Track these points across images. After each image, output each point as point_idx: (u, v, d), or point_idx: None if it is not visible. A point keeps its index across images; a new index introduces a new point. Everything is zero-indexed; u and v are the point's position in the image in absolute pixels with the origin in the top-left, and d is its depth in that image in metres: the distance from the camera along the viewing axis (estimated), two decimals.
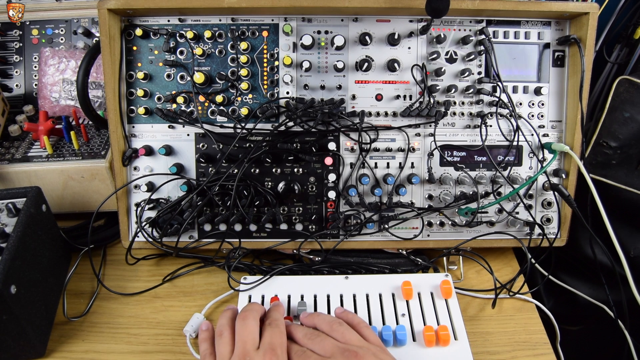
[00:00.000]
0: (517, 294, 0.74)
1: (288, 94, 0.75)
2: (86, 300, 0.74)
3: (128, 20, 0.74)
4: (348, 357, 0.53)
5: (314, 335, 0.57)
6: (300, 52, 0.75)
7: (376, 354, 0.53)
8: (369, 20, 0.75)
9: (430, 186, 0.78)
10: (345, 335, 0.57)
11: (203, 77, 0.72)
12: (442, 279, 0.70)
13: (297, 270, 0.75)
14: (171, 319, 0.71)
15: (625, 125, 0.78)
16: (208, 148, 0.76)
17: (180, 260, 0.80)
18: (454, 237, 0.79)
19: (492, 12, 0.73)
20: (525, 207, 0.77)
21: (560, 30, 0.77)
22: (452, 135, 0.77)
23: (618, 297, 0.76)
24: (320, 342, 0.56)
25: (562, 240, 0.79)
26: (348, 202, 0.75)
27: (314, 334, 0.58)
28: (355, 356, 0.52)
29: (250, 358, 0.53)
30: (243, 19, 0.75)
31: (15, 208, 0.65)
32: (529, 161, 0.78)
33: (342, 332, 0.57)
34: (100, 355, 0.65)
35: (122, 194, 0.76)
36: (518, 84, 0.77)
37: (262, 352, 0.53)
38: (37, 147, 0.84)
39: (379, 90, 0.76)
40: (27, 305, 0.61)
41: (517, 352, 0.66)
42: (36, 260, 0.65)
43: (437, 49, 0.75)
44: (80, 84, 0.72)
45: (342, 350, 0.54)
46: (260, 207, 0.77)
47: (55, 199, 0.81)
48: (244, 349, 0.54)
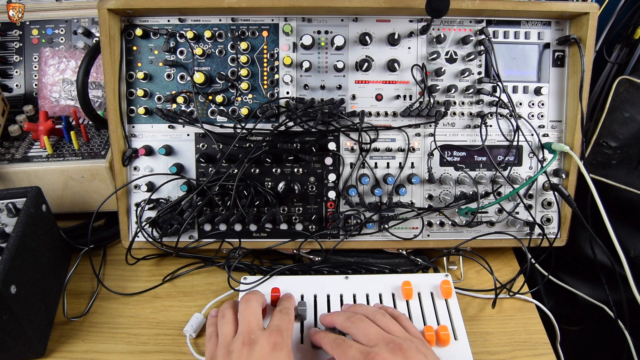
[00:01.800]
0: (517, 294, 0.74)
1: (288, 94, 0.75)
2: (86, 300, 0.74)
3: (128, 20, 0.74)
4: (393, 349, 0.50)
5: (357, 319, 0.55)
6: (300, 52, 0.75)
7: (419, 348, 0.52)
8: (369, 20, 0.75)
9: (430, 186, 0.78)
10: (389, 325, 0.55)
11: (203, 77, 0.72)
12: (442, 279, 0.70)
13: (297, 270, 0.75)
14: (171, 319, 0.71)
15: (625, 125, 0.78)
16: (208, 148, 0.76)
17: (180, 260, 0.80)
18: (454, 237, 0.79)
19: (492, 12, 0.73)
20: (525, 207, 0.77)
21: (560, 30, 0.77)
22: (452, 135, 0.77)
23: (618, 297, 0.76)
24: (364, 328, 0.54)
25: (562, 240, 0.79)
26: (348, 202, 0.75)
27: (358, 318, 0.55)
28: (400, 349, 0.50)
29: (255, 336, 0.52)
30: (243, 19, 0.75)
31: (15, 208, 0.65)
32: (529, 161, 0.78)
33: (386, 322, 0.56)
34: (100, 355, 0.65)
35: (122, 194, 0.76)
36: (518, 84, 0.77)
37: (268, 332, 0.53)
38: (37, 147, 0.84)
39: (379, 90, 0.76)
40: (27, 305, 0.61)
41: (517, 352, 0.66)
42: (36, 260, 0.65)
43: (437, 49, 0.75)
44: (80, 84, 0.72)
45: (386, 340, 0.51)
46: (260, 207, 0.77)
47: (55, 199, 0.81)
48: (249, 327, 0.54)
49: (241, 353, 0.51)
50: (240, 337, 0.53)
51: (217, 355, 0.54)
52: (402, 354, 0.50)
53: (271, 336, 0.52)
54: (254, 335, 0.52)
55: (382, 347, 0.51)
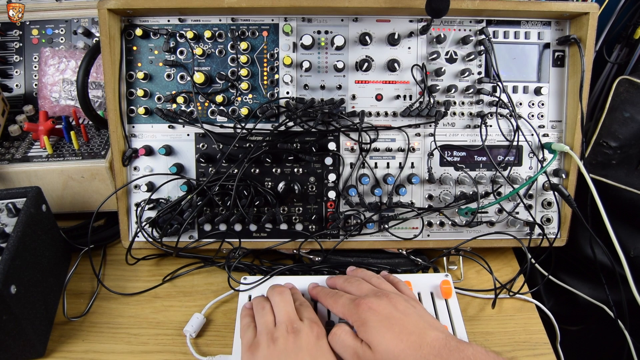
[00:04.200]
0: (517, 294, 0.75)
1: (288, 94, 0.75)
2: (86, 300, 0.74)
3: (128, 20, 0.74)
4: (379, 295, 0.55)
5: (354, 280, 0.61)
6: (300, 52, 0.75)
7: (408, 301, 0.56)
8: (369, 20, 0.75)
9: (430, 186, 0.78)
10: (382, 284, 0.60)
11: (203, 77, 0.72)
12: (442, 279, 0.70)
13: (297, 270, 0.74)
14: (171, 319, 0.71)
15: (625, 125, 0.78)
16: (208, 148, 0.76)
17: (180, 260, 0.80)
18: (454, 237, 0.79)
19: (492, 12, 0.73)
20: (525, 207, 0.77)
21: (560, 30, 0.77)
22: (452, 135, 0.77)
23: (618, 297, 0.76)
24: (359, 285, 0.59)
25: (562, 240, 0.79)
26: (348, 202, 0.75)
27: (355, 280, 0.61)
28: (387, 296, 0.55)
29: (298, 325, 0.55)
30: (243, 19, 0.75)
31: (15, 208, 0.65)
32: (529, 161, 0.78)
33: (379, 282, 0.61)
34: (100, 355, 0.65)
35: (122, 194, 0.76)
36: (518, 84, 0.77)
37: (308, 323, 0.56)
38: (37, 147, 0.84)
39: (379, 90, 0.76)
40: (27, 305, 0.61)
41: (517, 352, 0.66)
42: (36, 260, 0.65)
43: (437, 49, 0.75)
44: (80, 84, 0.72)
45: (375, 291, 0.57)
46: (260, 207, 0.77)
47: (55, 199, 0.81)
48: (289, 317, 0.56)
49: (287, 340, 0.53)
50: (283, 326, 0.55)
51: (260, 341, 0.55)
52: (387, 299, 0.54)
53: (313, 327, 0.55)
54: (296, 325, 0.55)
55: (370, 296, 0.55)
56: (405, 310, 0.54)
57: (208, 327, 0.69)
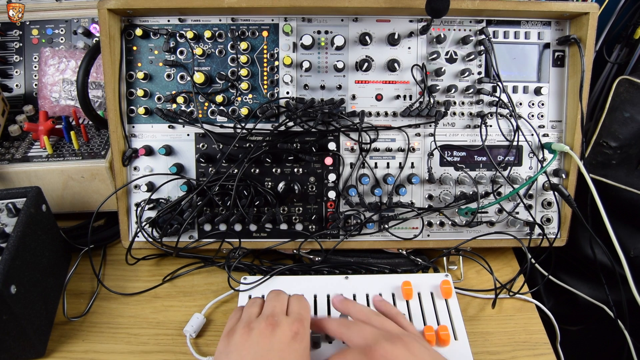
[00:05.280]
0: (517, 294, 0.75)
1: (288, 94, 0.75)
2: (86, 300, 0.74)
3: (128, 20, 0.74)
4: (393, 341, 0.49)
5: (350, 324, 0.54)
6: (300, 52, 0.75)
7: (418, 341, 0.51)
8: (369, 20, 0.75)
9: (430, 186, 0.78)
10: (385, 324, 0.54)
11: (203, 77, 0.72)
12: (442, 279, 0.70)
13: (297, 270, 0.75)
14: (171, 319, 0.71)
15: (625, 125, 0.78)
16: (208, 148, 0.76)
17: (180, 260, 0.80)
18: (454, 237, 0.79)
19: (492, 12, 0.73)
20: (525, 207, 0.77)
21: (560, 30, 0.77)
22: (452, 135, 0.77)
23: (618, 297, 0.76)
24: (359, 331, 0.53)
25: (562, 240, 0.79)
26: (348, 202, 0.75)
27: (350, 323, 0.55)
28: (400, 340, 0.50)
29: (279, 319, 0.52)
30: (243, 19, 0.75)
31: (15, 208, 0.65)
32: (529, 161, 0.78)
33: (381, 321, 0.55)
34: (100, 355, 0.66)
35: (122, 194, 0.76)
36: (518, 84, 0.77)
37: (291, 319, 0.53)
38: (37, 147, 0.84)
39: (379, 90, 0.76)
40: (27, 305, 0.61)
41: (517, 352, 0.66)
42: (36, 260, 0.65)
43: (437, 49, 0.75)
44: (80, 84, 0.72)
45: (385, 336, 0.50)
46: (260, 207, 0.77)
47: (55, 199, 0.81)
48: (273, 310, 0.54)
49: (262, 332, 0.51)
50: (263, 317, 0.53)
51: (237, 328, 0.53)
52: (401, 344, 0.49)
53: (294, 324, 0.51)
54: (277, 318, 0.52)
55: (381, 341, 0.50)
56: (421, 354, 0.49)
57: (208, 327, 0.69)
